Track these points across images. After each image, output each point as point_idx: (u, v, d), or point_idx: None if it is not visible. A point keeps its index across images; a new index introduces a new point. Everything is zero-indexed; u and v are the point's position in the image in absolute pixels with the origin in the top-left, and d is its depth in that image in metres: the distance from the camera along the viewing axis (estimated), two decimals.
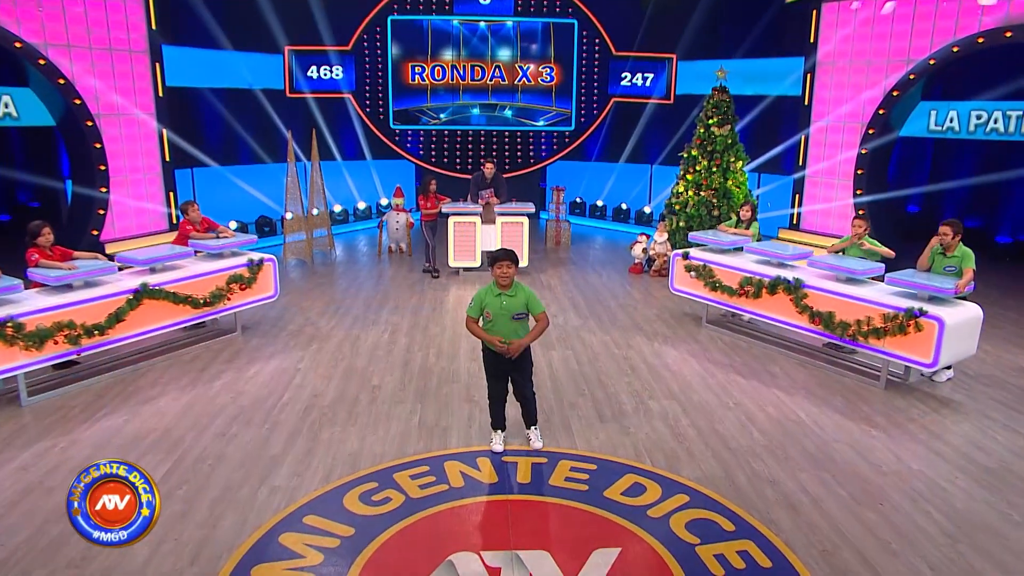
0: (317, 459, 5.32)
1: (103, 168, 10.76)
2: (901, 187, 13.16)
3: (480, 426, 5.89)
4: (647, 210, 15.89)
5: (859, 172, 11.92)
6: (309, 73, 15.77)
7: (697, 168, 12.08)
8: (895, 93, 11.32)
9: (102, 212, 10.84)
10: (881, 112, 11.52)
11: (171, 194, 12.02)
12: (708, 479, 5.09)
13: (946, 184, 13.35)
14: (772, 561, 4.15)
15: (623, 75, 16.59)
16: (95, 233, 10.74)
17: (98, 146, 10.65)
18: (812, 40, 12.44)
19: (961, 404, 6.53)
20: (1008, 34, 9.91)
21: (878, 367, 7.12)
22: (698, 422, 6.03)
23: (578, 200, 16.85)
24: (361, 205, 16.18)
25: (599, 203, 16.66)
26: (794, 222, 13.01)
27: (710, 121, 12.05)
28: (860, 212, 7.66)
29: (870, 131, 11.69)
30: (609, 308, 9.56)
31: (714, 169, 11.91)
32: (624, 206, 16.30)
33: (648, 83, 16.52)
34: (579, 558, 4.15)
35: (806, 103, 12.66)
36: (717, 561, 4.14)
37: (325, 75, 15.96)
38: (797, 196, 12.96)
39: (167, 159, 11.94)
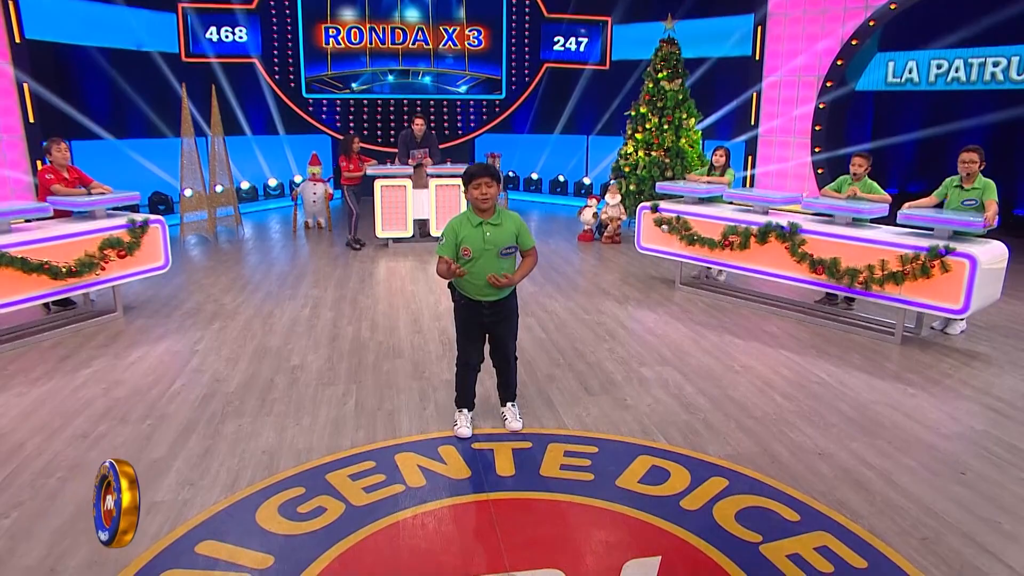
0: (218, 461, 3.86)
1: None
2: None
3: (437, 407, 4.56)
4: (587, 181, 14.83)
5: (816, 128, 11.19)
6: (209, 35, 13.93)
7: (647, 126, 11.07)
8: (854, 42, 10.62)
9: None
10: (839, 63, 10.81)
11: (39, 163, 10.04)
12: (742, 456, 3.94)
13: (890, 140, 12.76)
14: (866, 559, 3.02)
15: (556, 39, 15.48)
16: None
17: None
18: None
19: (990, 356, 5.66)
20: None
21: (887, 321, 6.23)
22: (707, 390, 4.89)
23: (511, 174, 15.62)
24: (272, 182, 14.41)
25: (534, 176, 15.50)
26: (747, 185, 12.19)
27: (659, 75, 11.06)
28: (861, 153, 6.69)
29: (828, 84, 10.97)
30: (565, 274, 8.38)
31: (665, 127, 10.93)
32: (561, 178, 15.17)
33: (583, 48, 15.49)
34: (607, 575, 2.91)
35: (757, 58, 11.85)
36: (794, 564, 2.97)
37: (227, 37, 14.14)
38: (750, 158, 12.15)
39: (31, 120, 9.97)
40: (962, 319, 6.16)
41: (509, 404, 4.31)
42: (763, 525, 3.25)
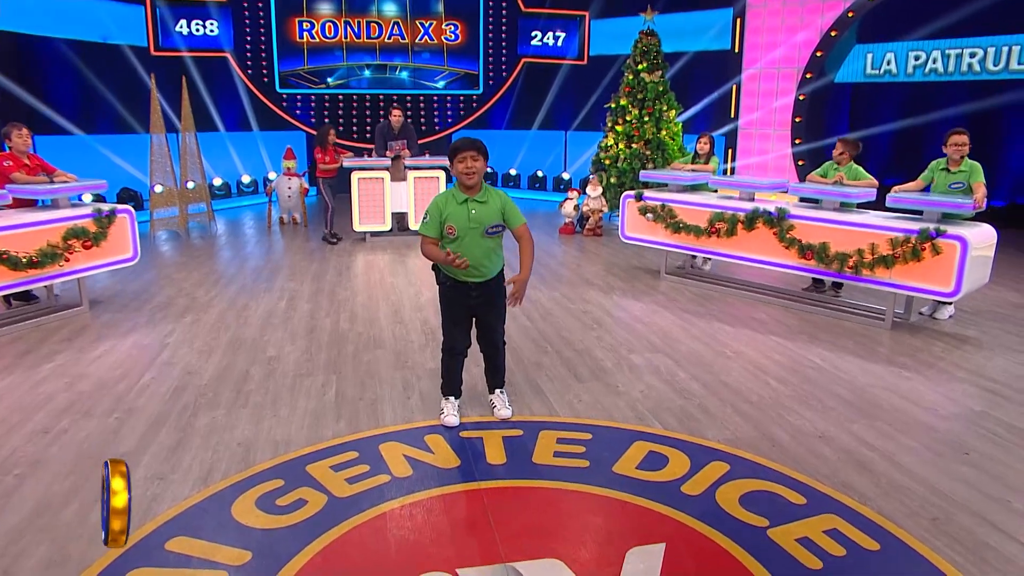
0: (190, 454, 3.64)
1: None
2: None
3: (422, 396, 4.37)
4: (565, 176, 14.69)
5: (797, 120, 11.17)
6: (179, 28, 13.57)
7: (627, 118, 10.94)
8: (833, 33, 10.61)
9: None
10: (819, 54, 10.80)
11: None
12: (742, 440, 3.80)
13: (868, 131, 12.77)
14: (877, 541, 2.89)
15: (533, 34, 15.35)
16: None
17: None
18: None
19: (980, 340, 5.61)
20: None
21: (876, 307, 6.16)
22: (700, 375, 4.76)
23: (489, 170, 15.43)
24: (246, 179, 14.05)
25: (512, 172, 15.33)
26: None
27: (639, 67, 10.94)
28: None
29: (808, 75, 10.96)
30: (548, 266, 8.22)
31: (646, 118, 10.81)
32: (540, 174, 15.02)
33: (560, 43, 15.37)
34: (609, 564, 2.74)
35: (736, 51, 11.81)
36: (804, 548, 2.83)
37: (198, 31, 13.79)
38: (730, 150, 12.10)
39: None
40: (951, 303, 6.11)
41: (497, 391, 4.14)
42: (769, 509, 3.11)
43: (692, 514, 3.06)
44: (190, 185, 10.66)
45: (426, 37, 15.02)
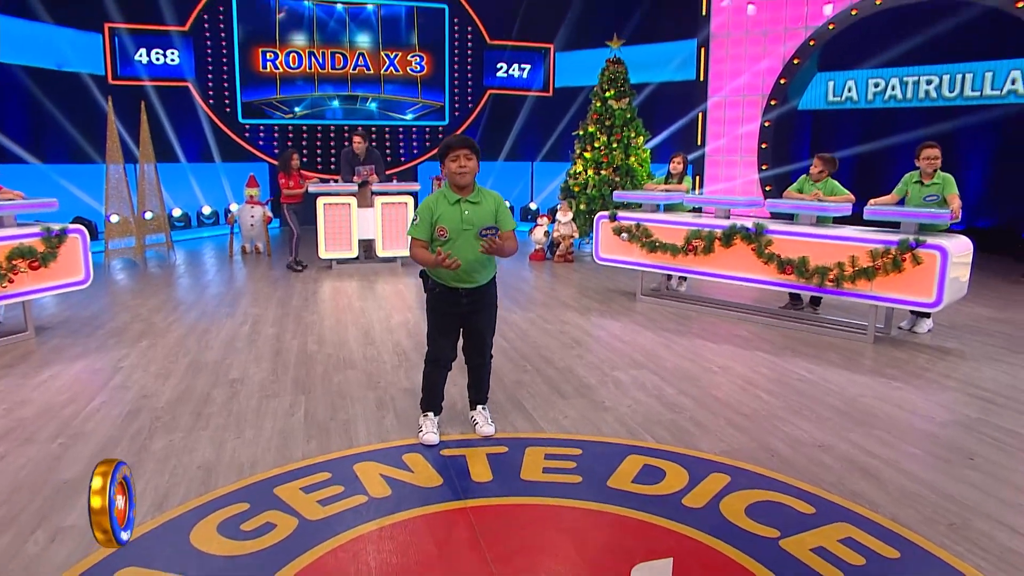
0: (144, 479, 3.30)
1: None
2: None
3: (397, 415, 4.10)
4: (533, 207, 14.62)
5: (763, 146, 11.28)
6: (139, 57, 13.27)
7: (596, 145, 10.93)
8: (796, 61, 10.80)
9: None
10: (782, 81, 10.97)
11: None
12: (740, 452, 3.61)
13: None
14: (897, 549, 2.70)
15: (499, 66, 15.40)
16: None
17: None
18: (704, 13, 11.79)
19: (963, 352, 5.55)
20: None
21: (857, 322, 6.09)
22: (688, 390, 4.57)
23: None
24: (207, 210, 13.66)
25: None
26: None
27: (607, 94, 10.98)
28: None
29: (772, 102, 11.10)
30: (521, 289, 8.03)
31: (614, 145, 10.81)
32: (507, 204, 14.90)
33: (526, 75, 15.46)
34: None
35: (701, 79, 11.95)
36: (821, 558, 2.63)
37: (158, 60, 13.51)
38: (697, 177, 12.16)
39: None
40: (930, 316, 6.07)
41: (479, 407, 3.89)
42: (778, 520, 2.91)
43: (698, 527, 2.84)
44: (148, 215, 10.28)
45: (392, 68, 14.96)
